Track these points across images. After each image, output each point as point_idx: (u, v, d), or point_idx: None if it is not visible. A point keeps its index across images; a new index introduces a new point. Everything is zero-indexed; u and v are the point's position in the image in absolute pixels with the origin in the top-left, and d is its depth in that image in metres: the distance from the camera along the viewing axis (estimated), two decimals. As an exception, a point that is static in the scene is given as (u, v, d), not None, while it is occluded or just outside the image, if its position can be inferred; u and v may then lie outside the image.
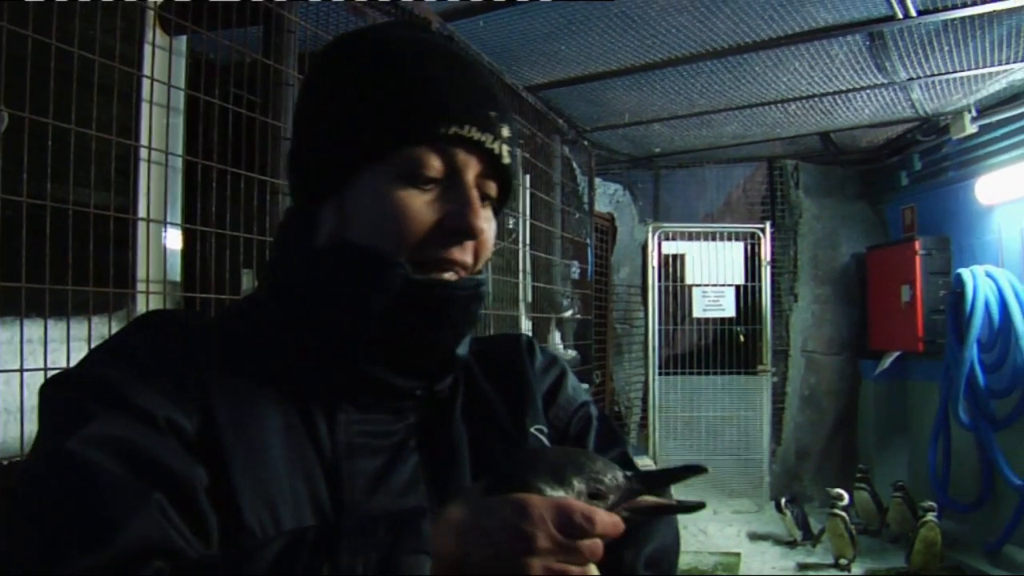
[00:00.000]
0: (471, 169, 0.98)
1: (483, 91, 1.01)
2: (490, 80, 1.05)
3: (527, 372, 1.16)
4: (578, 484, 0.85)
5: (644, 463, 6.06)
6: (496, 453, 1.03)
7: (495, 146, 0.99)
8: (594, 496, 0.86)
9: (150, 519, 0.80)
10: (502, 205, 1.06)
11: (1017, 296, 5.43)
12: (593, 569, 0.82)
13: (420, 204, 0.96)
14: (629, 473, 0.90)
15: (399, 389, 1.01)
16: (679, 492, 0.95)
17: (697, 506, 0.93)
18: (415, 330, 0.98)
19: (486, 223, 1.00)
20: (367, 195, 0.96)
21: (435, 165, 0.96)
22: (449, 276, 0.98)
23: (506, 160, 1.01)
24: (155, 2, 2.58)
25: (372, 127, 0.96)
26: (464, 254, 0.98)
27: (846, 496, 5.88)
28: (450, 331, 1.02)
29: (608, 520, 0.81)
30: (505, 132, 1.00)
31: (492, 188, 1.02)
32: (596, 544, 0.80)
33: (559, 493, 0.83)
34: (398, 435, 1.01)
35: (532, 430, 1.09)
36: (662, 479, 0.92)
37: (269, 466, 0.90)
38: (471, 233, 0.97)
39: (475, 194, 0.98)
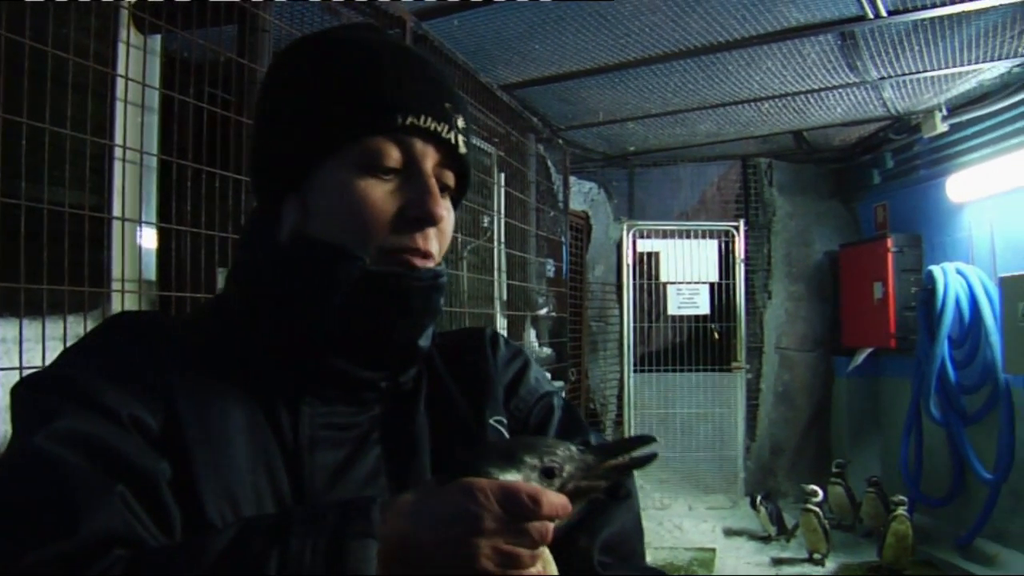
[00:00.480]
0: (429, 158, 1.00)
1: (438, 84, 1.03)
2: (445, 74, 1.07)
3: (488, 364, 1.17)
4: (530, 460, 0.85)
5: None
6: (455, 446, 1.04)
7: (451, 136, 1.01)
8: (548, 474, 0.86)
9: (113, 510, 0.82)
10: (460, 195, 1.09)
11: (987, 293, 5.49)
12: (546, 552, 0.83)
13: (380, 194, 0.97)
14: (582, 447, 0.91)
15: (363, 381, 1.02)
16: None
17: (649, 458, 0.93)
18: (375, 321, 0.99)
19: (445, 212, 1.02)
20: (328, 188, 0.98)
21: (394, 155, 0.98)
22: (418, 262, 1.00)
23: (462, 150, 1.03)
24: (129, 1, 2.57)
25: (330, 121, 0.97)
26: (427, 242, 1.00)
27: (820, 492, 5.93)
28: (410, 321, 1.03)
29: (557, 501, 0.81)
30: (460, 123, 1.03)
31: (450, 178, 1.04)
32: (545, 526, 0.80)
33: (511, 475, 0.83)
34: (362, 427, 1.02)
35: (491, 422, 1.10)
36: (615, 449, 0.93)
37: (231, 461, 0.92)
38: (431, 220, 0.99)
39: (434, 182, 1.00)
